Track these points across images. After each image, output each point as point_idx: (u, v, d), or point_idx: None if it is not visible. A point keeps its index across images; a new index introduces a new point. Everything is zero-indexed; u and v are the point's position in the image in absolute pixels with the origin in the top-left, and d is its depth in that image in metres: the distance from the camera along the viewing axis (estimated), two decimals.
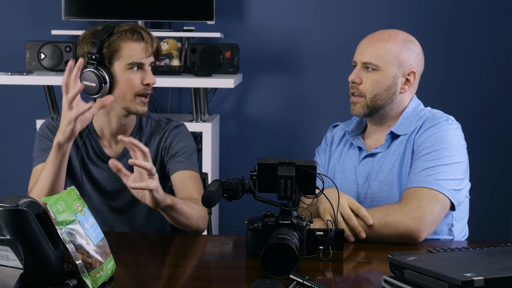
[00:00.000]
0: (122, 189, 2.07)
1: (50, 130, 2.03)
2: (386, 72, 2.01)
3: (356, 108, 2.03)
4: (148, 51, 1.96)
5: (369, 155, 2.06)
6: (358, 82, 2.02)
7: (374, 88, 2.01)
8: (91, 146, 2.05)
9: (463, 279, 1.24)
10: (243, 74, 3.57)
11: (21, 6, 3.63)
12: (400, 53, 2.01)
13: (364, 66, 2.02)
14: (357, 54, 2.05)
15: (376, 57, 2.00)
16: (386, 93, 2.01)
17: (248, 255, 1.67)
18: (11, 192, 1.73)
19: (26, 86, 3.44)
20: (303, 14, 3.62)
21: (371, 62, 2.00)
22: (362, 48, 2.04)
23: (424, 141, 1.96)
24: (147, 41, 1.96)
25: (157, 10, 3.42)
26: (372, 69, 2.00)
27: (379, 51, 2.00)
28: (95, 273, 1.39)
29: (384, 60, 2.00)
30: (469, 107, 3.59)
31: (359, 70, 2.03)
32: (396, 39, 2.02)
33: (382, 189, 2.00)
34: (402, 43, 2.03)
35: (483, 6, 3.56)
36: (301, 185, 1.61)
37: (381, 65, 2.00)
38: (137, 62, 1.95)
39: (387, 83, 2.01)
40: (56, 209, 1.35)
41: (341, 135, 2.18)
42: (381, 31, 2.06)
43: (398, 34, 2.05)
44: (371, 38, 2.04)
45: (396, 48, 2.01)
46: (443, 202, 1.86)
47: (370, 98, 2.01)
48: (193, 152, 2.07)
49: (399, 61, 2.01)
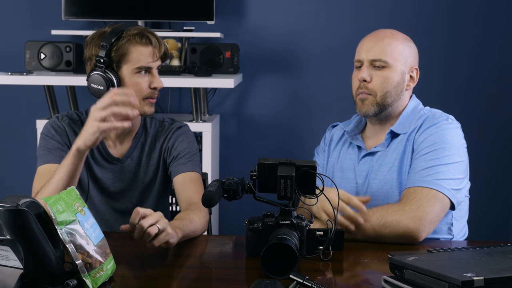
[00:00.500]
0: (125, 190, 2.08)
1: (56, 130, 2.02)
2: (395, 68, 2.00)
3: (366, 106, 2.01)
4: (156, 55, 1.97)
5: (368, 153, 2.06)
6: (369, 80, 2.00)
7: (385, 85, 2.00)
8: (96, 146, 2.05)
9: (463, 279, 1.24)
10: (243, 74, 3.57)
11: (21, 6, 3.63)
12: (404, 50, 2.02)
13: (372, 64, 2.00)
14: (362, 52, 2.02)
15: (385, 53, 1.99)
16: (395, 90, 2.01)
17: (248, 255, 1.68)
18: (11, 192, 1.73)
19: (26, 86, 3.44)
20: (303, 14, 3.62)
21: (381, 58, 1.99)
22: (367, 45, 2.02)
23: (424, 141, 1.96)
24: (155, 45, 1.96)
25: (157, 10, 3.42)
26: (381, 66, 1.99)
27: (387, 48, 2.00)
28: (95, 273, 1.39)
29: (393, 57, 2.00)
30: (469, 107, 3.59)
31: (368, 68, 2.01)
32: (398, 37, 2.03)
33: (381, 187, 2.00)
34: (405, 41, 2.04)
35: (483, 6, 3.56)
36: (301, 185, 1.61)
37: (390, 61, 1.99)
38: (145, 66, 1.95)
39: (397, 79, 2.01)
40: (56, 209, 1.35)
41: (340, 135, 2.18)
42: (382, 30, 2.06)
43: (398, 33, 2.06)
44: (376, 36, 2.03)
45: (401, 45, 2.02)
46: (443, 201, 1.86)
47: (380, 96, 2.00)
48: (195, 153, 2.08)
49: (405, 57, 2.02)
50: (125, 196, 2.08)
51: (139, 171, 2.07)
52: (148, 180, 2.08)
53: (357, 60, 2.04)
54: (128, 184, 2.07)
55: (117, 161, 2.06)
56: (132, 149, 2.06)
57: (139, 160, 2.07)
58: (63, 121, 2.03)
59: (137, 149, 2.07)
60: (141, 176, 2.07)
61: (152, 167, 2.08)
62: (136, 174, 2.07)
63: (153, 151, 2.08)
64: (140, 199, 2.08)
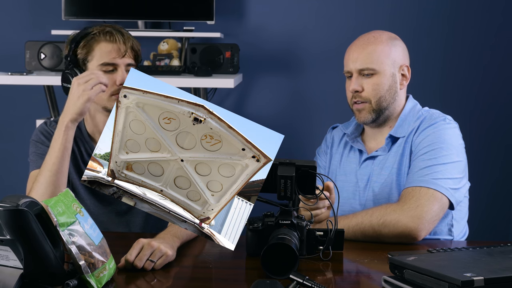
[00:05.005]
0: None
1: (45, 136, 2.03)
2: (384, 73, 2.01)
3: (363, 115, 2.03)
4: (120, 51, 1.96)
5: (369, 157, 2.06)
6: (360, 90, 2.02)
7: (377, 91, 2.01)
8: (85, 149, 2.05)
9: (463, 279, 1.25)
10: (243, 74, 3.57)
11: (21, 6, 3.62)
12: (390, 51, 2.03)
13: (361, 73, 2.02)
14: (350, 63, 2.04)
15: (371, 61, 2.01)
16: (389, 93, 2.02)
17: (248, 255, 1.68)
18: (11, 192, 1.73)
19: (26, 86, 3.43)
20: (303, 14, 3.62)
21: (368, 67, 2.01)
22: (353, 56, 2.04)
23: (422, 141, 1.96)
24: (119, 42, 1.96)
25: (157, 10, 3.42)
26: (370, 74, 2.01)
27: (372, 55, 2.01)
28: (98, 273, 1.40)
29: (379, 62, 2.01)
30: (468, 107, 3.59)
31: (357, 78, 2.02)
32: (381, 39, 2.04)
33: (382, 190, 2.00)
34: (389, 41, 2.04)
35: (481, 7, 3.56)
36: (301, 185, 1.61)
37: (377, 68, 2.01)
38: (109, 63, 1.96)
39: (388, 83, 2.02)
40: (57, 211, 1.35)
41: (340, 137, 2.19)
42: (364, 35, 2.07)
43: (382, 34, 2.06)
44: (358, 44, 2.05)
45: (385, 48, 2.02)
46: (442, 201, 1.86)
47: (375, 102, 2.01)
48: None
49: (392, 59, 2.03)
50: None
51: None
52: None
53: (346, 71, 2.07)
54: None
55: None
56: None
57: None
58: (51, 127, 2.05)
59: None
60: None
61: None
62: None
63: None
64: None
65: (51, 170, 1.84)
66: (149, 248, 1.56)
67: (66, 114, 1.85)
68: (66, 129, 1.85)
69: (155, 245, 1.57)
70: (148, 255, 1.56)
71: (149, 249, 1.56)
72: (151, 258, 1.56)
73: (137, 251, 1.56)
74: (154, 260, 1.56)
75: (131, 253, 1.56)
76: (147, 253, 1.55)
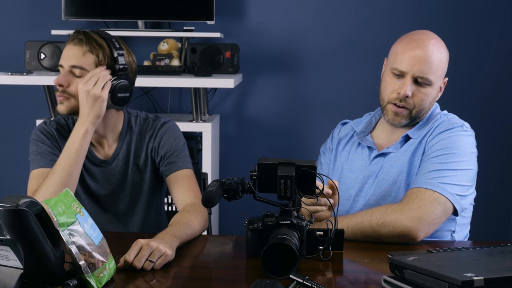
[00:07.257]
0: (115, 191, 2.07)
1: (45, 135, 2.03)
2: (435, 85, 1.98)
3: (398, 119, 1.98)
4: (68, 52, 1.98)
5: (380, 154, 2.04)
6: (410, 96, 1.95)
7: (424, 101, 1.97)
8: None
9: (463, 279, 1.24)
10: (243, 74, 3.57)
11: (21, 6, 3.63)
12: (446, 64, 2.00)
13: (416, 80, 1.94)
14: (407, 64, 1.93)
15: (432, 72, 1.94)
16: (430, 105, 2.00)
17: (248, 255, 1.68)
18: (11, 192, 1.73)
19: (26, 86, 3.44)
20: (303, 14, 3.62)
21: (427, 77, 1.94)
22: (415, 59, 1.93)
23: (435, 144, 1.94)
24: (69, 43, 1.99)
25: (157, 10, 3.42)
26: (424, 84, 1.95)
27: (437, 66, 1.95)
28: (98, 273, 1.40)
29: (437, 75, 1.96)
30: (469, 107, 3.59)
31: (412, 84, 1.94)
32: (442, 49, 1.97)
33: (391, 188, 1.98)
34: (446, 53, 2.00)
35: (482, 6, 3.56)
36: (301, 185, 1.61)
37: (433, 80, 1.96)
38: (59, 64, 2.00)
39: (434, 95, 2.00)
40: (57, 211, 1.35)
41: (349, 134, 2.15)
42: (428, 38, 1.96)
43: (441, 41, 1.99)
44: (425, 47, 1.93)
45: (445, 59, 1.99)
46: (445, 205, 1.84)
47: (416, 110, 1.97)
48: (183, 148, 2.06)
49: (444, 72, 2.00)
50: (115, 197, 2.07)
51: (127, 171, 2.07)
52: (138, 180, 2.07)
53: (397, 69, 1.96)
54: (117, 185, 2.07)
55: (104, 163, 2.05)
56: (118, 150, 2.06)
57: (126, 160, 2.06)
58: (51, 126, 2.05)
59: (123, 149, 2.06)
60: (129, 176, 2.07)
61: (140, 166, 2.07)
62: (125, 175, 2.07)
63: (140, 149, 2.07)
64: (131, 199, 2.08)
65: (66, 170, 1.88)
66: (148, 248, 1.56)
67: (85, 119, 1.91)
68: (86, 133, 1.91)
69: (154, 245, 1.57)
70: (147, 255, 1.55)
71: (148, 249, 1.56)
72: (150, 258, 1.55)
73: (136, 252, 1.56)
74: (153, 260, 1.55)
75: (130, 254, 1.55)
76: (146, 254, 1.55)
